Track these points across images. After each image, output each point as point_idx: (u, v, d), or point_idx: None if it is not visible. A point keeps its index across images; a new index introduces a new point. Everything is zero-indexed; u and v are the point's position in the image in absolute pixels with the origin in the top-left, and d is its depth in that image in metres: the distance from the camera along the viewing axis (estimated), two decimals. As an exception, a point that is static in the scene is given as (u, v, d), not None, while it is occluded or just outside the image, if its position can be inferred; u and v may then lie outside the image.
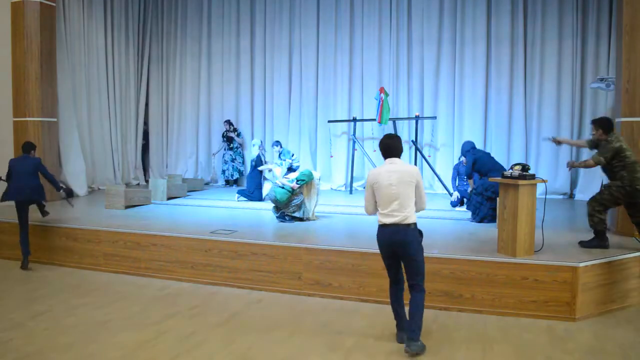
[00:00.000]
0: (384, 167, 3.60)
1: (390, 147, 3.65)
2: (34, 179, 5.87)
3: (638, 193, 4.60)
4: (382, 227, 3.54)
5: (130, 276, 5.41)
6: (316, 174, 6.63)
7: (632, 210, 4.76)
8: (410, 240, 3.47)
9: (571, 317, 4.08)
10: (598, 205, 4.77)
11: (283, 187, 6.12)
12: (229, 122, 10.32)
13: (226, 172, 10.27)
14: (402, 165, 3.59)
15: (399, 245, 3.49)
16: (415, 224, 3.50)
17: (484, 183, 6.08)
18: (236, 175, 10.22)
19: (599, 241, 4.71)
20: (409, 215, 3.47)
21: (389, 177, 3.50)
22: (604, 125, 4.88)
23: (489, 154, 6.63)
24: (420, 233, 3.56)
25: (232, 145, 10.22)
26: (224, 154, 10.33)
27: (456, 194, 7.32)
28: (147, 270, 5.39)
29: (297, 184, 6.17)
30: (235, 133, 10.26)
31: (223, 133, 10.39)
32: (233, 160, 10.22)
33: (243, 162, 10.26)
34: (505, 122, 8.89)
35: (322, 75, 10.08)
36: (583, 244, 4.79)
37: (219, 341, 3.69)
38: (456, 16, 9.11)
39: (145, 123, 11.18)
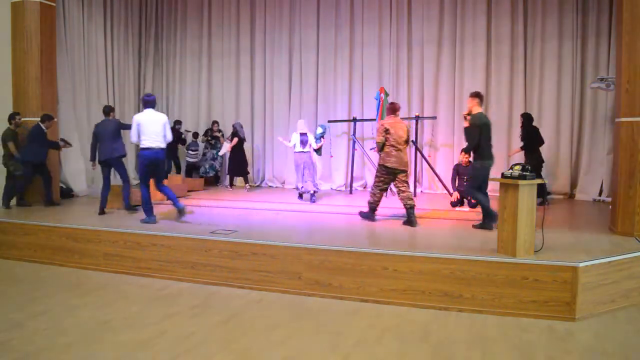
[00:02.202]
0: None
1: None
2: (116, 140, 6.86)
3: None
4: None
5: (130, 276, 5.41)
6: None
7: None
8: None
9: (571, 317, 4.08)
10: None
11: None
12: (217, 123, 10.52)
13: (201, 169, 10.44)
14: None
15: None
16: None
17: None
18: (212, 173, 10.42)
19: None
20: None
21: None
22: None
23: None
24: None
25: (215, 144, 10.43)
26: (205, 152, 10.51)
27: (456, 194, 7.32)
28: (147, 270, 5.39)
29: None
30: (220, 134, 10.48)
31: (208, 132, 10.52)
32: (214, 159, 10.40)
33: (221, 163, 10.58)
34: (505, 122, 8.89)
35: (322, 75, 10.09)
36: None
37: (219, 341, 3.68)
38: (456, 16, 9.12)
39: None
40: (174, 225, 5.92)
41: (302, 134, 8.07)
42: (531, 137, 7.62)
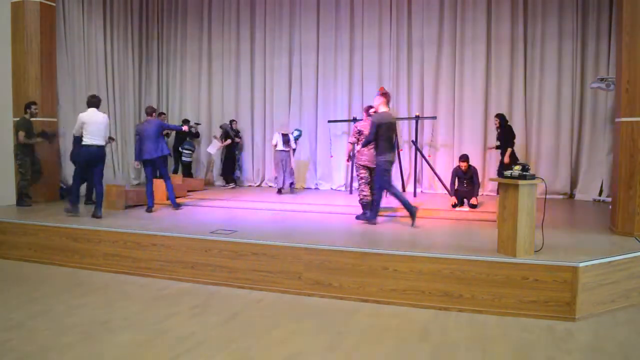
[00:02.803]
0: None
1: None
2: (158, 139, 7.11)
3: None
4: None
5: (130, 276, 5.41)
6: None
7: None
8: None
9: (571, 317, 4.08)
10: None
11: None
12: (235, 121, 10.54)
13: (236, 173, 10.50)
14: None
15: None
16: None
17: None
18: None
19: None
20: None
21: None
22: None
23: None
24: None
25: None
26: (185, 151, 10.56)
27: (453, 199, 7.28)
28: (147, 270, 5.39)
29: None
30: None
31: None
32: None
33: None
34: (505, 122, 8.89)
35: (322, 75, 10.09)
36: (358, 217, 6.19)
37: (219, 341, 3.68)
38: (456, 16, 9.12)
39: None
40: (174, 225, 5.92)
41: (283, 135, 8.97)
42: (508, 137, 7.93)
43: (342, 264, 4.64)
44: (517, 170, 4.40)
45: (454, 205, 7.22)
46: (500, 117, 8.10)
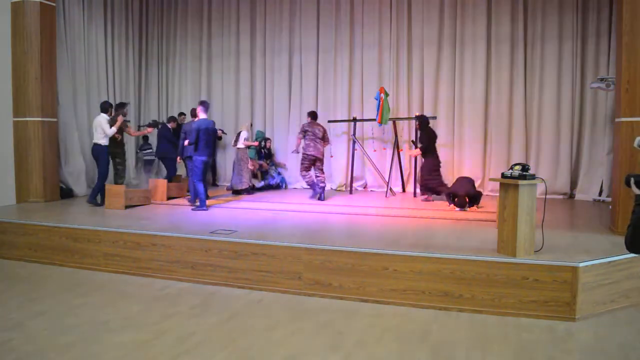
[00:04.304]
0: None
1: None
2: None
3: None
4: None
5: (130, 276, 5.41)
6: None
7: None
8: None
9: (571, 317, 4.08)
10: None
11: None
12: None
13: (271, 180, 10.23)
14: None
15: None
16: None
17: None
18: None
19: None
20: None
21: None
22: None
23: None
24: None
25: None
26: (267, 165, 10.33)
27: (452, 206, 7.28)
28: (147, 270, 5.39)
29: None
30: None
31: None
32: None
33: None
34: (505, 122, 8.89)
35: (322, 76, 10.08)
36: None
37: (219, 341, 3.69)
38: (456, 16, 9.11)
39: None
40: (174, 225, 5.92)
41: (239, 132, 9.14)
42: (430, 139, 8.00)
43: (342, 264, 4.64)
44: (517, 170, 4.40)
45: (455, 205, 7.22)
46: (420, 119, 8.19)
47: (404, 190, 9.42)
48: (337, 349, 3.57)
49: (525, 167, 4.40)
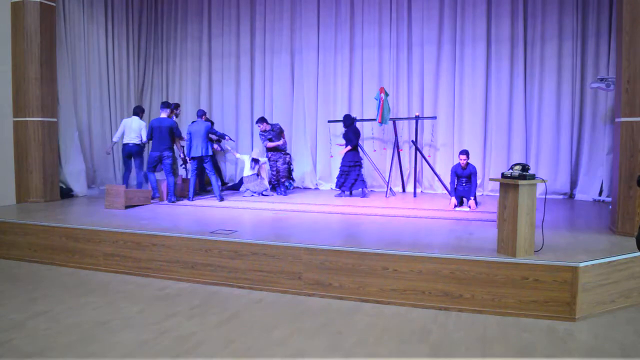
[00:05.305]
0: None
1: None
2: (206, 140, 8.06)
3: None
4: None
5: (130, 276, 5.41)
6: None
7: None
8: None
9: (571, 317, 4.08)
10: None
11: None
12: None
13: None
14: None
15: None
16: None
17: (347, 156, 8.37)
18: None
19: None
20: None
21: None
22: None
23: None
24: None
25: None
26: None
27: (453, 201, 7.27)
28: (147, 270, 5.39)
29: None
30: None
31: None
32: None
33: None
34: (505, 122, 8.89)
35: (322, 75, 10.08)
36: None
37: (219, 341, 3.69)
38: (456, 16, 9.11)
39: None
40: (174, 225, 5.92)
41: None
42: (356, 137, 8.46)
43: (342, 264, 4.64)
44: (517, 170, 4.41)
45: (455, 206, 7.23)
46: (344, 117, 8.55)
47: (404, 190, 9.42)
48: (337, 349, 3.57)
49: (525, 167, 4.40)
